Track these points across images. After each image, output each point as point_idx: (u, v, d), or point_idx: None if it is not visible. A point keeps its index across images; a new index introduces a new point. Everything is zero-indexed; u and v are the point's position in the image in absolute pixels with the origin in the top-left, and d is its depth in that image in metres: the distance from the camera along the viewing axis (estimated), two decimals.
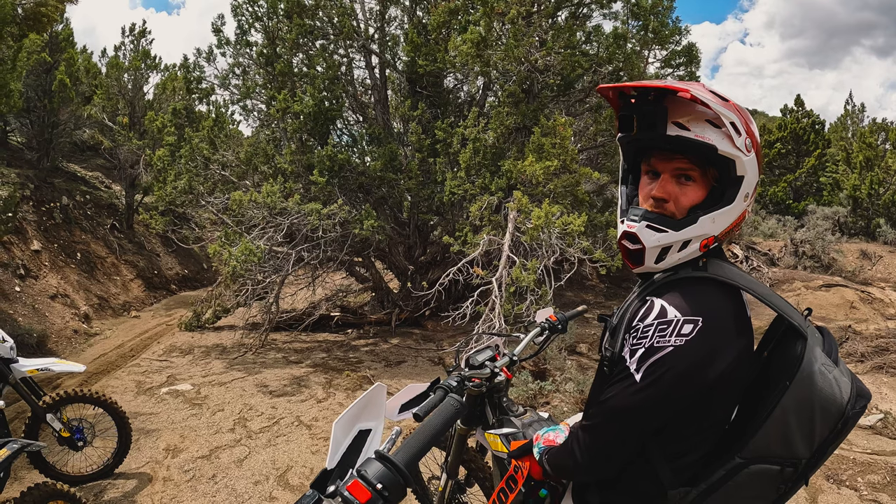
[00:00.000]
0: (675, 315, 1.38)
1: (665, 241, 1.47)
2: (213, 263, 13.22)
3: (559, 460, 1.75)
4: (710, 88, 1.43)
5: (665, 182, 1.49)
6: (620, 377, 1.46)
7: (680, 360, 1.36)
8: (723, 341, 1.38)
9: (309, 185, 8.31)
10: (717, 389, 1.40)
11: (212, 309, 9.96)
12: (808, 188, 19.53)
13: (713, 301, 1.42)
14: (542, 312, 2.82)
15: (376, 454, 1.22)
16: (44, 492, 3.21)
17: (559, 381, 6.54)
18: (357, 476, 1.17)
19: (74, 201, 12.62)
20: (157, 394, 6.71)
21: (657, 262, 1.51)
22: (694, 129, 1.41)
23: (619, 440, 1.50)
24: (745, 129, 1.42)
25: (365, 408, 1.48)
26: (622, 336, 1.50)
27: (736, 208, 1.47)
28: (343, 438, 1.41)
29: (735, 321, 1.43)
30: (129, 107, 14.43)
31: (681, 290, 1.45)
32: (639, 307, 1.48)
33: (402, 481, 1.19)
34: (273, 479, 4.72)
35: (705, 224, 1.46)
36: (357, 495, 1.12)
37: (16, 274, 9.40)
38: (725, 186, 1.46)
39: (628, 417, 1.46)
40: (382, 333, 9.52)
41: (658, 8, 8.56)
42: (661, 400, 1.39)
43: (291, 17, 8.79)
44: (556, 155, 7.29)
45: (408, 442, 1.35)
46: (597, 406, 1.57)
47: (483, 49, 7.85)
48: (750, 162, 1.44)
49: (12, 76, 6.98)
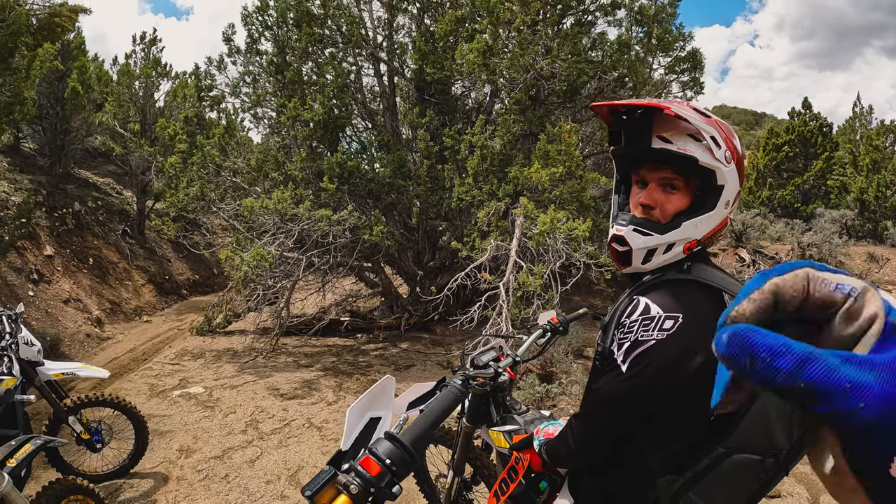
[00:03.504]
0: (657, 311, 1.49)
1: (650, 244, 1.60)
2: (223, 269, 13.34)
3: (555, 449, 1.88)
4: (694, 105, 1.55)
5: (652, 190, 1.62)
6: (609, 368, 1.57)
7: (662, 353, 1.46)
8: (701, 336, 1.46)
9: (319, 191, 8.41)
10: (696, 380, 1.47)
11: (223, 313, 10.06)
12: (815, 191, 19.37)
13: (693, 300, 1.53)
14: (544, 315, 2.90)
15: (385, 434, 1.32)
16: (64, 487, 3.28)
17: (565, 384, 6.61)
18: (368, 453, 1.27)
19: (86, 207, 12.75)
20: (169, 396, 6.81)
21: (644, 262, 1.63)
22: (676, 143, 1.53)
23: (608, 427, 1.62)
24: (724, 143, 1.53)
25: (376, 398, 1.60)
26: (612, 332, 1.60)
27: (717, 215, 1.59)
28: (356, 424, 1.53)
29: (714, 319, 1.52)
30: (140, 114, 14.54)
31: (664, 289, 1.56)
32: (626, 305, 1.59)
33: (409, 458, 1.29)
34: (284, 478, 4.81)
35: (688, 229, 1.58)
36: (368, 469, 1.23)
37: (29, 279, 9.50)
38: (707, 195, 1.58)
39: (616, 405, 1.57)
40: (392, 338, 9.60)
41: (661, 15, 8.61)
42: (645, 389, 1.50)
43: (301, 25, 8.90)
44: (562, 161, 7.37)
45: (413, 424, 1.46)
46: (588, 396, 1.71)
47: (489, 57, 7.94)
48: (730, 172, 1.55)
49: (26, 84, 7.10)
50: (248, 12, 9.42)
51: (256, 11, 9.38)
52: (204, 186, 9.10)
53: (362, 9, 9.61)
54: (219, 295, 11.12)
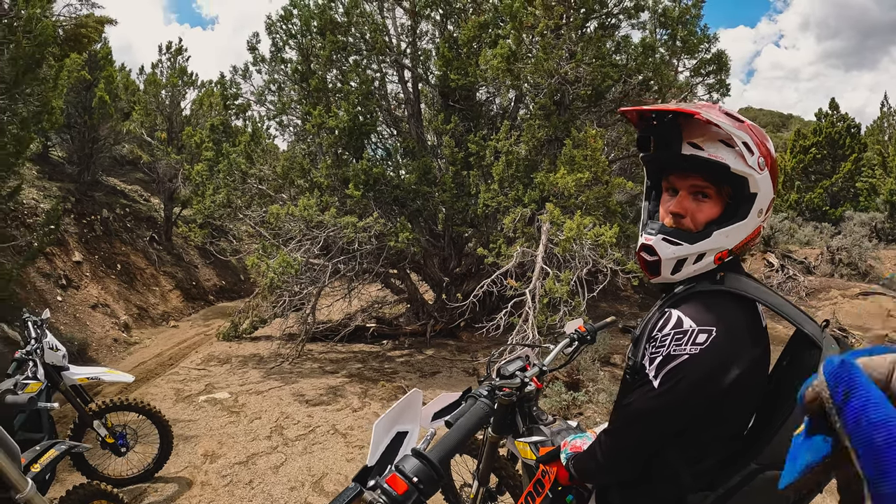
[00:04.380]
0: (690, 325, 1.45)
1: (680, 254, 1.56)
2: (250, 275, 13.45)
3: (583, 464, 1.83)
4: (726, 110, 1.51)
5: (682, 198, 1.58)
6: (640, 384, 1.53)
7: (695, 368, 1.42)
8: (736, 350, 1.43)
9: (345, 198, 8.44)
10: (730, 396, 1.45)
11: (249, 319, 10.13)
12: (844, 194, 19.07)
13: (727, 312, 1.48)
14: (571, 323, 2.87)
15: (413, 451, 1.31)
16: (88, 491, 3.32)
17: (592, 392, 6.54)
18: (395, 470, 1.25)
19: (114, 214, 12.96)
20: (195, 401, 6.86)
21: (673, 272, 1.59)
22: (707, 149, 1.48)
23: (639, 443, 1.58)
24: (758, 148, 1.49)
25: (403, 411, 1.58)
26: (643, 346, 1.57)
27: (750, 224, 1.54)
28: (382, 439, 1.51)
29: (748, 331, 1.50)
30: (166, 122, 14.77)
31: (697, 302, 1.52)
32: (658, 318, 1.55)
33: (436, 476, 1.27)
34: (308, 485, 4.81)
35: (719, 238, 1.53)
36: (395, 487, 1.21)
37: (58, 284, 9.66)
38: (739, 203, 1.53)
39: (647, 421, 1.54)
40: (417, 344, 9.59)
41: (685, 17, 8.51)
42: (677, 405, 1.46)
43: (325, 33, 8.96)
44: (588, 167, 7.31)
45: (441, 441, 1.44)
46: (618, 411, 1.67)
47: (513, 62, 7.92)
48: (763, 179, 1.50)
49: (54, 94, 7.21)
50: (273, 21, 9.51)
51: (280, 20, 9.46)
52: (230, 193, 9.19)
53: (385, 16, 9.67)
54: (245, 301, 11.23)
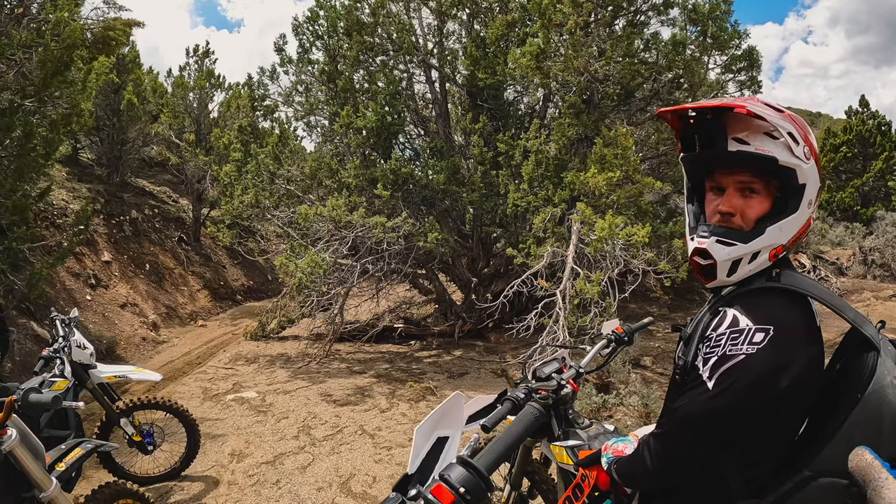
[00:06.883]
0: (746, 324, 1.41)
1: (735, 254, 1.51)
2: (278, 275, 13.53)
3: (629, 469, 1.76)
4: (765, 101, 1.47)
5: (730, 196, 1.53)
6: (693, 385, 1.48)
7: (752, 368, 1.37)
8: (794, 350, 1.39)
9: (373, 198, 8.45)
10: (787, 398, 1.40)
11: (277, 319, 10.18)
12: (876, 193, 18.69)
13: (784, 310, 1.44)
14: (608, 324, 2.82)
15: (458, 459, 1.25)
16: (114, 490, 3.31)
17: (623, 395, 6.45)
18: (440, 480, 1.20)
19: (143, 215, 13.11)
20: (223, 400, 6.90)
21: (729, 275, 1.54)
22: (753, 143, 1.45)
23: (691, 447, 1.51)
24: (802, 139, 1.45)
25: (444, 416, 1.54)
26: (695, 346, 1.52)
27: (801, 216, 1.50)
28: (423, 445, 1.46)
29: (806, 330, 1.44)
30: (194, 124, 14.93)
31: (752, 300, 1.48)
32: (712, 317, 1.51)
33: (484, 486, 1.21)
34: (336, 486, 4.79)
35: (773, 234, 1.49)
36: (440, 498, 1.15)
37: (87, 283, 9.79)
38: (789, 196, 1.49)
39: (700, 425, 1.47)
40: (445, 345, 9.57)
41: (715, 13, 8.38)
42: (733, 407, 1.41)
43: (351, 34, 8.98)
44: (619, 165, 7.23)
45: (489, 448, 1.38)
46: (669, 414, 1.61)
47: (542, 61, 7.85)
48: (810, 169, 1.47)
49: (83, 97, 7.27)
50: (299, 23, 9.57)
51: (307, 21, 9.51)
52: (258, 194, 9.24)
53: (412, 16, 9.66)
54: (273, 301, 11.28)
